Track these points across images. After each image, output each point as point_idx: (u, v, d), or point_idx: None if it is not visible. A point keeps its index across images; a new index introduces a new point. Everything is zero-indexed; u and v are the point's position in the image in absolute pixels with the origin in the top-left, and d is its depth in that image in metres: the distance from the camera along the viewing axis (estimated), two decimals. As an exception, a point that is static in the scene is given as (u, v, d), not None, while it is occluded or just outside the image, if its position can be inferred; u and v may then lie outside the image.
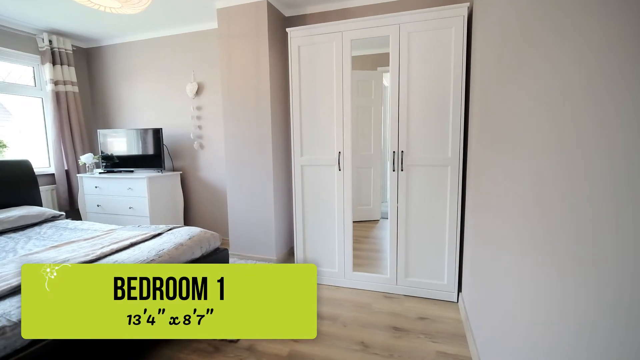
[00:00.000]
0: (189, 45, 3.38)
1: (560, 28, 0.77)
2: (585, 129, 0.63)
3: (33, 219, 2.58)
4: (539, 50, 0.90)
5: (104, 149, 3.52)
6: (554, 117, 0.77)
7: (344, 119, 2.30)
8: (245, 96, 2.79)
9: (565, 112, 0.72)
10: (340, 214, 2.39)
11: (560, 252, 0.72)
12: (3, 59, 3.20)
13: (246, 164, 2.88)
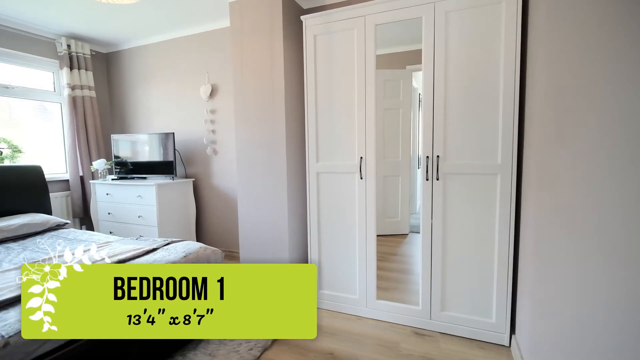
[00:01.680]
0: (203, 46, 3.21)
1: None
2: None
3: (36, 228, 2.45)
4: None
5: (118, 154, 3.40)
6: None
7: (366, 120, 1.96)
8: (258, 96, 2.53)
9: None
10: (362, 229, 2.03)
11: None
12: (24, 64, 3.18)
13: (258, 170, 2.60)
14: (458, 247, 1.79)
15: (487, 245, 1.73)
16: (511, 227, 1.68)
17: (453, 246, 1.80)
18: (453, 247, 1.80)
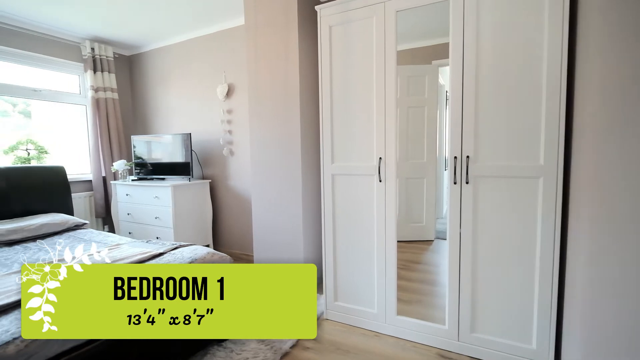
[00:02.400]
0: (219, 45, 3.15)
1: None
2: None
3: (55, 228, 2.47)
4: None
5: (138, 155, 3.42)
6: None
7: (386, 117, 1.79)
8: (272, 93, 2.41)
9: None
10: (381, 236, 1.85)
11: None
12: (51, 68, 3.27)
13: (272, 172, 2.49)
14: (491, 260, 1.57)
15: (526, 259, 1.50)
16: (556, 239, 1.44)
17: (485, 258, 1.58)
18: (485, 260, 1.58)
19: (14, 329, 1.05)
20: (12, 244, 2.23)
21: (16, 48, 2.95)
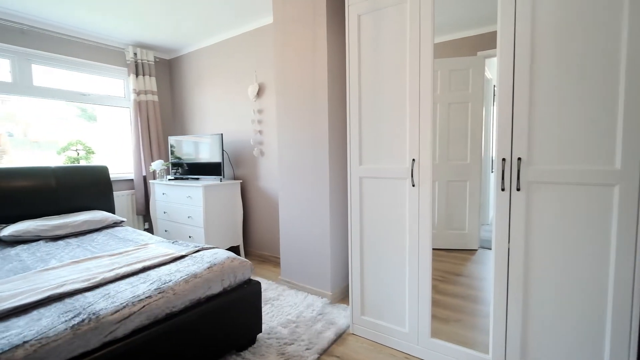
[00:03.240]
0: (250, 44, 3.12)
1: None
2: None
3: (95, 225, 2.59)
4: None
5: (174, 155, 3.52)
6: None
7: (420, 115, 1.59)
8: (299, 91, 2.31)
9: None
10: (413, 246, 1.66)
11: None
12: (99, 73, 3.48)
13: (298, 174, 2.39)
14: (547, 283, 1.31)
15: (595, 282, 1.23)
16: (638, 262, 1.15)
17: (540, 280, 1.33)
18: (540, 282, 1.33)
19: (27, 332, 1.04)
20: (57, 239, 2.36)
21: (67, 55, 3.16)
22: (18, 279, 1.50)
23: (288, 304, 2.22)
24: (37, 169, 2.73)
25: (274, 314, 2.08)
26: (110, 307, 1.21)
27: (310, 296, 2.31)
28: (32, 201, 2.62)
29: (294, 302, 2.23)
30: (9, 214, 2.51)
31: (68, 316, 1.14)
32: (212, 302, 1.52)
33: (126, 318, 1.21)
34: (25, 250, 2.08)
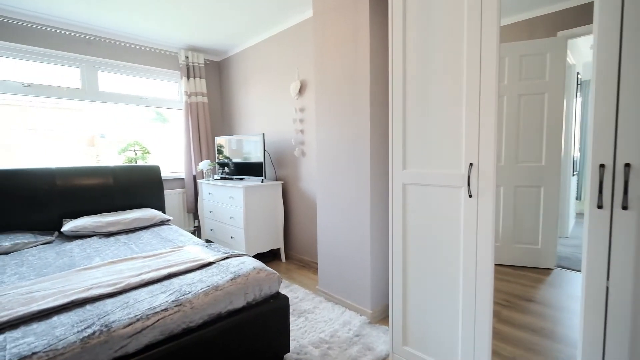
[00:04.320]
0: (292, 40, 3.00)
1: None
2: None
3: (144, 223, 2.69)
4: None
5: (220, 155, 3.56)
6: None
7: (481, 111, 1.28)
8: (339, 86, 2.11)
9: None
10: (470, 265, 1.35)
11: None
12: (156, 78, 3.68)
13: (337, 177, 2.19)
14: (668, 341, 0.93)
15: None
16: None
17: (655, 336, 0.95)
18: (655, 338, 0.95)
19: (39, 341, 1.02)
20: (109, 235, 2.50)
21: (127, 62, 3.37)
22: (57, 277, 1.54)
23: (323, 318, 2.04)
24: (99, 168, 2.94)
25: (306, 330, 1.92)
26: (125, 319, 1.15)
27: (348, 312, 2.10)
28: (93, 198, 2.82)
29: (330, 318, 2.05)
30: (74, 209, 2.72)
31: (81, 326, 1.10)
32: (234, 317, 1.40)
33: (138, 332, 1.14)
34: (79, 245, 2.21)
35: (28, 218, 2.52)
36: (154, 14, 2.82)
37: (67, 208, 2.70)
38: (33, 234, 2.41)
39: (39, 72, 2.99)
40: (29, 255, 2.03)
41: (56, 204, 2.65)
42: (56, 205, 2.65)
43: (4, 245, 2.12)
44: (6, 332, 1.08)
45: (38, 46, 2.87)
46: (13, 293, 1.36)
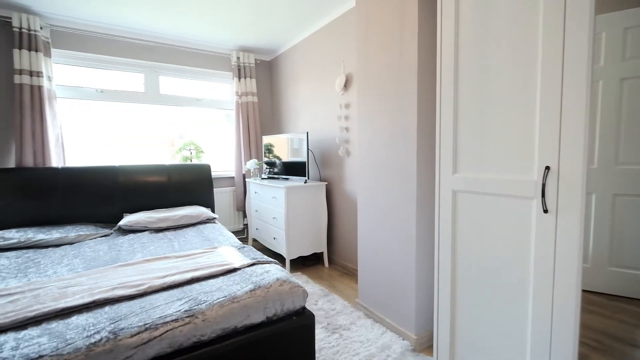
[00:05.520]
0: (337, 33, 2.81)
1: None
2: None
3: (191, 220, 2.77)
4: None
5: (273, 154, 3.53)
6: None
7: (563, 99, 0.95)
8: (382, 78, 1.86)
9: None
10: (544, 290, 1.03)
11: None
12: (212, 80, 3.82)
13: (380, 179, 1.94)
14: None
15: None
16: None
17: None
18: None
19: (49, 344, 1.00)
20: (159, 231, 2.61)
21: (184, 65, 3.54)
22: (95, 272, 1.60)
23: (360, 338, 1.82)
24: (156, 166, 3.12)
25: (339, 350, 1.72)
26: (134, 327, 1.10)
27: (389, 334, 1.85)
28: (149, 194, 3.00)
29: (368, 338, 1.82)
30: (133, 204, 2.92)
31: (91, 331, 1.07)
32: (251, 333, 1.28)
33: (145, 343, 1.07)
34: (129, 240, 2.33)
35: (95, 211, 2.77)
36: (207, 17, 2.89)
37: (128, 203, 2.91)
38: (96, 226, 2.63)
39: (110, 78, 3.28)
40: (87, 247, 2.19)
41: (118, 199, 2.87)
42: (118, 200, 2.87)
43: (70, 236, 2.33)
44: (28, 329, 1.10)
45: (108, 55, 3.14)
46: (52, 286, 1.42)
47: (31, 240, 2.21)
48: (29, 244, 2.18)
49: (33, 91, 2.71)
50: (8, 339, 1.03)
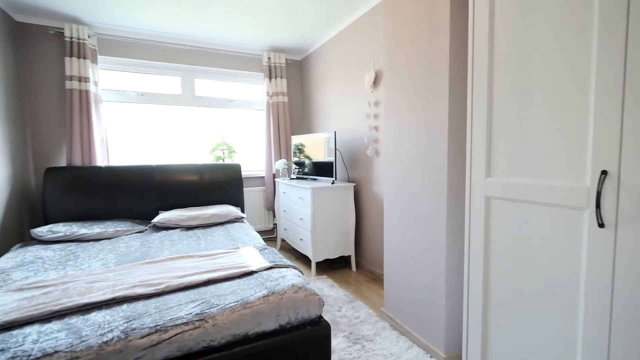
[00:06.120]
0: (367, 27, 2.70)
1: None
2: None
3: (220, 219, 2.82)
4: None
5: (304, 154, 3.49)
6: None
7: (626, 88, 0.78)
8: (410, 72, 1.73)
9: None
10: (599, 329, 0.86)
11: None
12: (244, 81, 3.88)
13: (406, 180, 1.81)
14: None
15: None
16: None
17: None
18: None
19: (65, 339, 1.03)
20: (190, 228, 2.68)
21: (217, 67, 3.63)
22: (122, 269, 1.65)
23: (383, 352, 1.71)
24: (189, 166, 3.23)
25: (359, 362, 1.63)
26: (145, 328, 1.10)
27: (416, 349, 1.72)
28: (182, 193, 3.11)
29: (392, 352, 1.70)
30: (168, 202, 3.04)
31: (105, 329, 1.09)
32: (263, 341, 1.23)
33: (153, 346, 1.07)
34: (161, 237, 2.41)
35: (133, 208, 2.92)
36: (239, 19, 2.92)
37: (163, 200, 3.03)
38: (132, 222, 2.77)
39: (149, 82, 3.46)
40: (122, 242, 2.30)
41: (154, 196, 3.01)
42: (154, 198, 3.01)
43: (108, 231, 2.47)
44: (52, 322, 1.15)
45: (148, 59, 3.30)
46: (82, 280, 1.49)
47: (75, 234, 2.37)
48: (72, 238, 2.34)
49: (81, 95, 2.92)
50: (32, 332, 1.08)
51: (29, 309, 1.20)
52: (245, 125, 4.07)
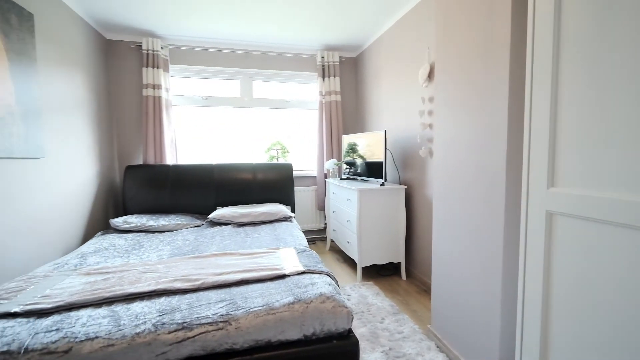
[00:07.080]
0: (422, 17, 2.47)
1: None
2: None
3: (269, 217, 2.89)
4: None
5: (357, 154, 3.40)
6: None
7: None
8: (464, 65, 1.52)
9: None
10: None
11: None
12: (298, 81, 3.93)
13: (458, 188, 1.60)
14: None
15: None
16: None
17: None
18: None
19: (105, 327, 1.12)
20: (241, 225, 2.81)
21: (273, 69, 3.72)
22: (170, 262, 1.78)
23: (424, 374, 1.54)
24: (244, 165, 3.38)
25: (395, 383, 1.49)
26: (173, 324, 1.15)
27: (463, 377, 1.51)
28: (237, 191, 3.27)
29: (434, 376, 1.52)
30: (224, 199, 3.23)
31: (140, 320, 1.16)
32: (286, 350, 1.20)
33: (179, 342, 1.11)
34: (213, 232, 2.56)
35: (195, 203, 3.16)
36: (292, 20, 2.95)
37: (220, 197, 3.23)
38: (192, 217, 3.00)
39: (212, 87, 3.71)
40: (180, 235, 2.50)
41: (213, 193, 3.22)
42: (213, 194, 3.22)
43: (171, 224, 2.71)
44: (102, 307, 1.27)
45: (212, 65, 3.54)
46: (135, 270, 1.64)
47: (144, 226, 2.65)
48: (142, 229, 2.63)
49: (155, 101, 3.26)
50: (84, 315, 1.21)
51: (87, 293, 1.35)
52: (299, 125, 4.11)
